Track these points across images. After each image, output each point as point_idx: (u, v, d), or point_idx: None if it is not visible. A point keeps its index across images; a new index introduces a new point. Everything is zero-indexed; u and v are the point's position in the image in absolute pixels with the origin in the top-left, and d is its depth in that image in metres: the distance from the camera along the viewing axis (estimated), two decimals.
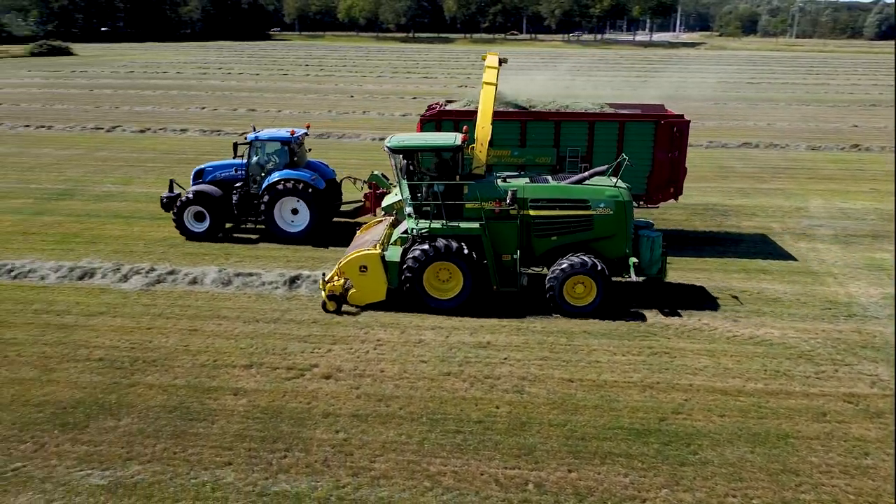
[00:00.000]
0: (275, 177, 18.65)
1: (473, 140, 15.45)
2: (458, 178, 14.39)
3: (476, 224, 14.28)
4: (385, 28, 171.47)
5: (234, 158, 20.04)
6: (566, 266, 14.01)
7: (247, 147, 19.44)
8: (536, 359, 12.55)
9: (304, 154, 20.15)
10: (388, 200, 16.80)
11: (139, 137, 35.69)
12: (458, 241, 14.13)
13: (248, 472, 9.42)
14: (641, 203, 18.99)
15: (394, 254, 14.57)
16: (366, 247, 15.00)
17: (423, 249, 14.04)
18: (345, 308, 14.56)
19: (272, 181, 18.61)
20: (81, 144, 33.39)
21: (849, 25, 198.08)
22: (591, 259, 14.01)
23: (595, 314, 14.31)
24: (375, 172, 18.92)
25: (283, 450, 9.91)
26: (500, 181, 14.77)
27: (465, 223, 14.35)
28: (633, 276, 14.31)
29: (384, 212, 17.22)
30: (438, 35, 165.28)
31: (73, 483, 9.16)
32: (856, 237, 20.17)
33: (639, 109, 19.68)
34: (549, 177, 15.36)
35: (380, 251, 14.60)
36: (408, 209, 14.87)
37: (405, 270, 14.24)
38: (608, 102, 19.91)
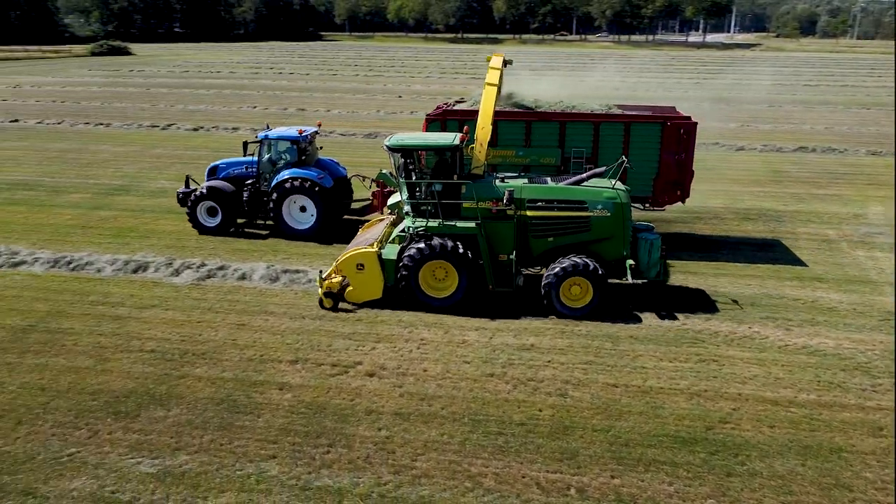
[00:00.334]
0: (283, 175, 19.04)
1: (474, 140, 15.42)
2: (456, 178, 14.41)
3: (472, 224, 14.30)
4: (434, 29, 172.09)
5: (245, 156, 20.51)
6: (562, 268, 13.94)
7: (257, 145, 19.91)
8: (581, 363, 12.42)
9: (315, 152, 20.48)
10: (394, 199, 16.98)
11: (192, 135, 36.57)
12: (454, 241, 14.16)
13: (292, 466, 9.56)
14: (647, 205, 18.78)
15: (391, 252, 14.68)
16: (364, 245, 15.15)
17: (419, 248, 14.14)
18: (388, 308, 14.64)
19: (281, 179, 18.99)
20: (137, 142, 34.38)
21: None
22: (588, 261, 13.91)
23: (641, 319, 14.13)
24: (383, 171, 18.98)
25: (327, 445, 10.02)
26: (499, 181, 14.72)
27: (462, 222, 14.38)
28: (629, 279, 14.24)
29: (390, 210, 17.40)
30: (487, 35, 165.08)
31: (125, 470, 9.43)
32: None
33: (649, 111, 19.37)
34: (549, 178, 15.28)
35: (377, 249, 14.74)
36: (406, 208, 14.96)
37: (401, 269, 14.32)
38: (617, 104, 19.68)
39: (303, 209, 19.32)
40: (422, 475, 9.38)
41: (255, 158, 20.01)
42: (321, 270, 15.36)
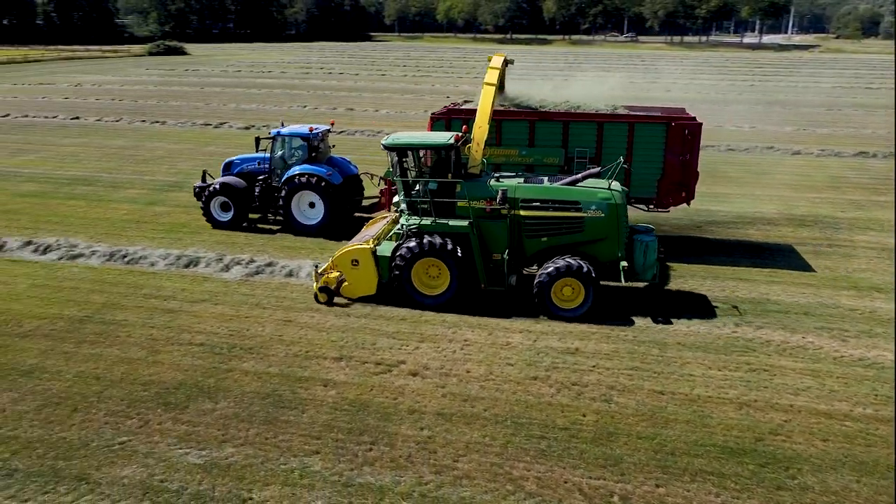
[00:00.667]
0: (293, 171, 19.42)
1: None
2: (451, 177, 14.43)
3: (465, 222, 14.31)
4: (483, 29, 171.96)
5: (257, 153, 20.97)
6: (554, 268, 13.85)
7: (269, 142, 20.37)
8: (626, 368, 12.23)
9: (327, 150, 20.82)
10: (399, 197, 16.94)
11: (244, 134, 37.26)
12: (447, 239, 14.20)
13: (335, 462, 9.64)
14: (651, 207, 18.53)
15: (386, 249, 14.85)
16: (361, 241, 15.36)
17: (411, 246, 14.25)
18: (426, 309, 14.65)
19: (291, 175, 19.38)
20: (191, 139, 35.21)
21: None
22: (580, 262, 13.78)
23: (689, 326, 13.86)
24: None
25: (369, 443, 10.08)
26: (493, 181, 14.69)
27: (455, 221, 14.41)
28: (622, 281, 14.16)
29: (395, 208, 17.40)
30: (536, 36, 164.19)
31: (173, 460, 9.65)
32: None
33: (658, 112, 19.03)
34: (545, 178, 15.19)
35: (371, 246, 14.90)
36: (402, 205, 15.09)
37: (394, 266, 14.47)
38: (625, 104, 19.42)
39: (311, 205, 19.71)
40: (463, 476, 9.37)
41: (268, 155, 20.47)
42: (317, 265, 15.63)
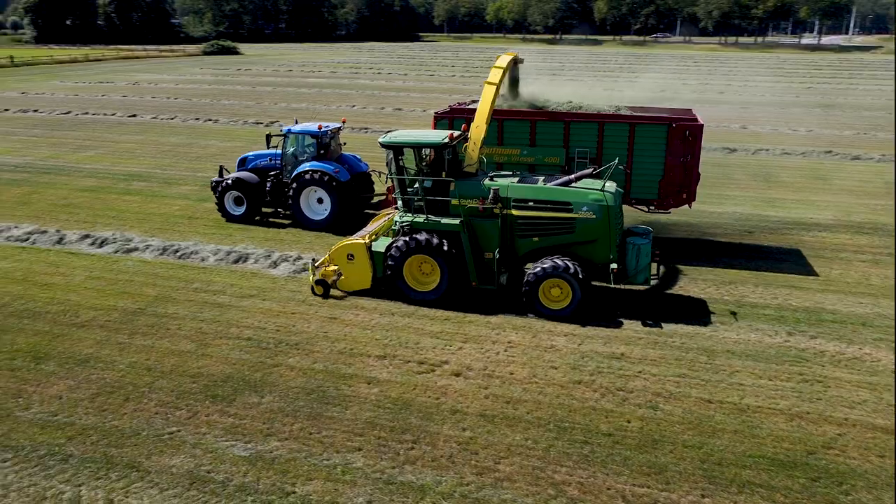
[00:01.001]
0: (302, 168, 19.80)
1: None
2: (444, 175, 14.52)
3: (456, 220, 14.39)
4: (533, 30, 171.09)
5: (268, 149, 21.46)
6: (542, 268, 13.85)
7: (281, 139, 20.86)
8: (673, 375, 12.00)
9: (338, 147, 21.15)
10: None
11: None
12: (438, 236, 14.32)
13: (377, 460, 9.70)
14: (652, 208, 18.35)
15: (381, 245, 15.09)
16: (359, 236, 15.68)
17: (404, 242, 14.47)
18: (472, 309, 14.63)
19: (299, 171, 19.77)
20: (242, 137, 35.89)
21: None
22: (568, 262, 13.74)
23: (738, 333, 13.53)
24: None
25: (411, 441, 10.12)
26: (488, 180, 14.73)
27: (447, 219, 14.51)
28: (612, 283, 14.17)
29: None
30: (587, 37, 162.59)
31: (220, 451, 9.85)
32: None
33: (665, 114, 18.73)
34: (541, 177, 15.17)
35: (367, 241, 15.17)
36: (398, 202, 15.33)
37: (388, 261, 14.68)
38: (629, 105, 19.22)
39: (320, 201, 20.10)
40: (504, 479, 9.32)
41: (279, 151, 20.98)
42: (314, 258, 15.99)
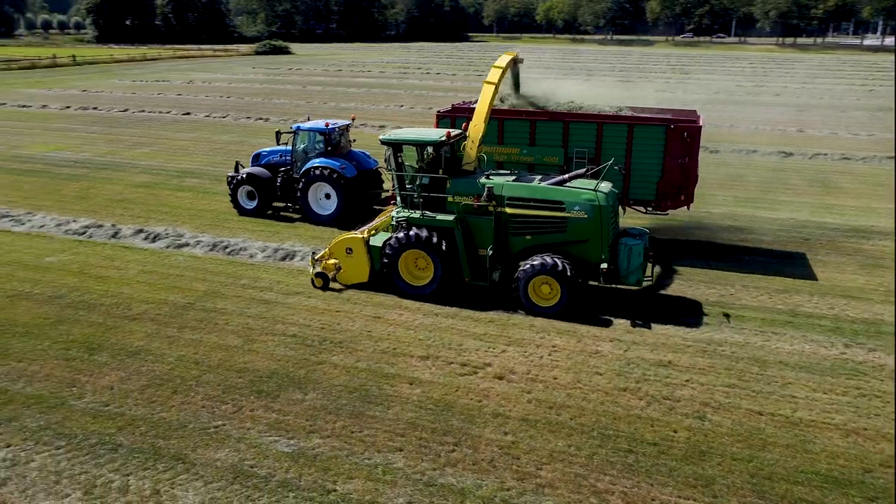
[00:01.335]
0: (310, 164, 20.31)
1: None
2: (441, 172, 14.79)
3: (451, 217, 14.63)
4: (583, 30, 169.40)
5: (278, 146, 22.12)
6: (531, 265, 14.02)
7: (291, 135, 21.39)
8: (722, 385, 11.67)
9: (347, 144, 21.68)
10: None
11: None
12: (432, 232, 14.65)
13: (418, 461, 9.68)
14: (650, 209, 18.32)
15: (378, 239, 15.48)
16: (358, 231, 16.09)
17: (399, 237, 14.80)
18: (518, 312, 14.50)
19: (308, 167, 20.30)
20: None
21: None
22: (557, 260, 13.85)
23: (792, 344, 13.10)
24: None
25: (452, 444, 10.06)
26: (484, 178, 14.89)
27: (442, 215, 14.78)
28: (601, 282, 14.27)
29: None
30: (638, 37, 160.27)
31: (263, 447, 9.96)
32: None
33: (669, 115, 18.46)
34: (537, 177, 15.36)
35: (365, 235, 15.59)
36: (397, 198, 15.65)
37: (384, 255, 15.07)
38: (631, 106, 19.02)
39: (327, 196, 20.61)
40: (546, 485, 9.20)
41: (289, 147, 21.48)
42: (314, 252, 16.40)
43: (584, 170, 15.45)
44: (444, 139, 14.70)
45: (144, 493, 9.01)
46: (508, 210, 14.45)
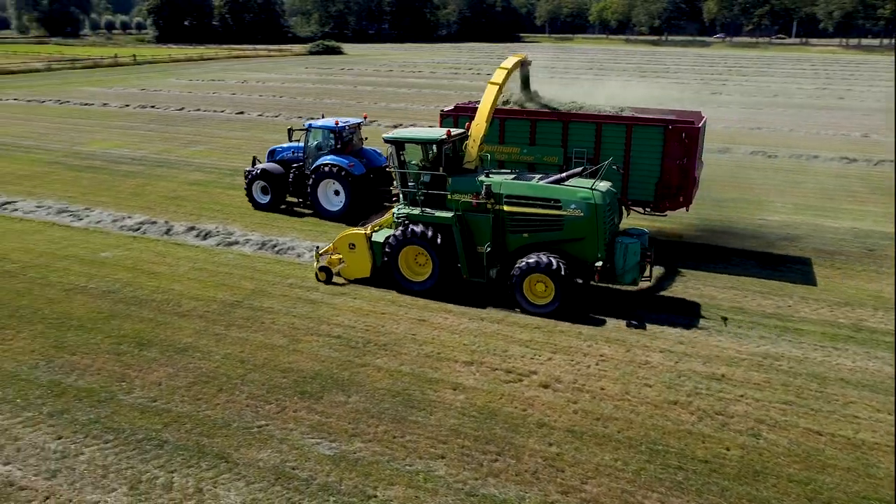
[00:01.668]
0: (320, 161, 20.77)
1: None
2: (442, 171, 14.96)
3: (449, 214, 14.79)
4: (638, 31, 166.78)
5: (290, 142, 22.74)
6: (526, 263, 14.09)
7: (303, 133, 21.90)
8: (779, 402, 11.19)
9: (359, 141, 22.00)
10: None
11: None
12: (432, 229, 14.79)
13: (460, 469, 9.52)
14: (648, 210, 18.16)
15: (381, 235, 15.73)
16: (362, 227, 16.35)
17: (399, 233, 15.04)
18: (564, 320, 14.21)
19: (317, 164, 20.76)
20: None
21: None
22: (552, 259, 13.90)
23: (854, 360, 12.49)
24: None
25: (495, 453, 9.87)
26: (484, 176, 15.04)
27: (440, 212, 14.97)
28: (595, 281, 14.22)
29: None
30: (694, 38, 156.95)
31: (305, 449, 9.93)
32: None
33: (673, 116, 18.01)
34: (536, 176, 15.47)
35: (368, 231, 15.80)
36: (400, 195, 15.92)
37: (385, 251, 15.30)
38: (634, 107, 18.71)
39: (336, 193, 21.00)
40: (591, 500, 8.93)
41: (301, 144, 22.00)
42: (317, 246, 16.72)
43: (581, 169, 15.53)
44: (444, 138, 14.95)
45: (188, 491, 9.07)
46: (506, 208, 14.59)
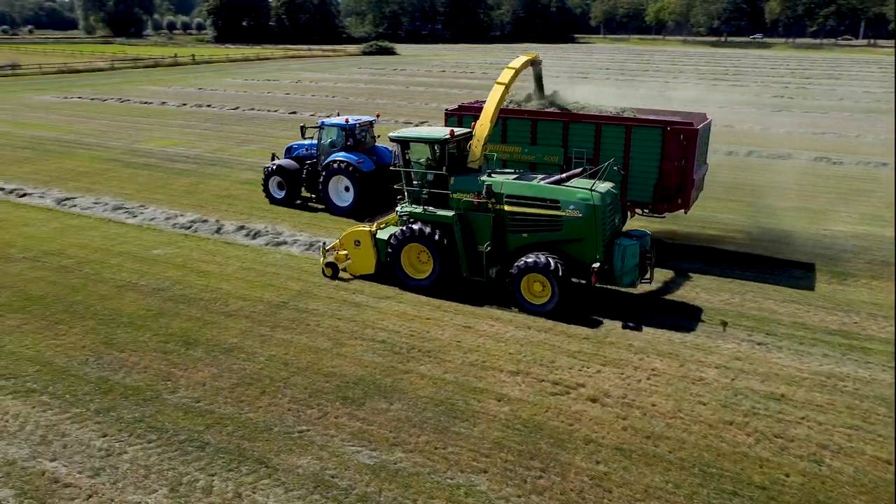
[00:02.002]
0: (331, 158, 21.38)
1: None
2: (445, 170, 15.10)
3: (451, 213, 14.96)
4: (695, 32, 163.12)
5: (303, 140, 23.20)
6: (524, 262, 14.18)
7: (316, 130, 22.45)
8: (844, 426, 10.53)
9: (371, 139, 22.53)
10: None
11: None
12: (433, 227, 15.02)
13: (502, 485, 9.21)
14: (646, 211, 18.25)
15: (385, 233, 15.95)
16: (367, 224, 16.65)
17: (401, 231, 15.30)
18: (615, 330, 13.76)
19: (328, 161, 21.39)
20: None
21: None
22: (549, 259, 13.96)
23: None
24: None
25: (539, 469, 9.53)
26: (486, 175, 15.14)
27: (442, 211, 15.16)
28: (593, 282, 14.11)
29: None
30: (754, 39, 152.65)
31: (345, 457, 9.76)
32: None
33: (678, 117, 17.76)
34: (538, 176, 15.46)
35: (373, 228, 16.07)
36: (405, 194, 16.07)
37: (388, 248, 15.57)
38: (637, 108, 18.48)
39: (347, 189, 21.58)
40: None
41: (316, 141, 22.54)
42: (324, 242, 16.97)
43: (581, 169, 15.59)
44: (447, 137, 15.04)
45: (227, 496, 8.99)
46: (506, 207, 14.66)
